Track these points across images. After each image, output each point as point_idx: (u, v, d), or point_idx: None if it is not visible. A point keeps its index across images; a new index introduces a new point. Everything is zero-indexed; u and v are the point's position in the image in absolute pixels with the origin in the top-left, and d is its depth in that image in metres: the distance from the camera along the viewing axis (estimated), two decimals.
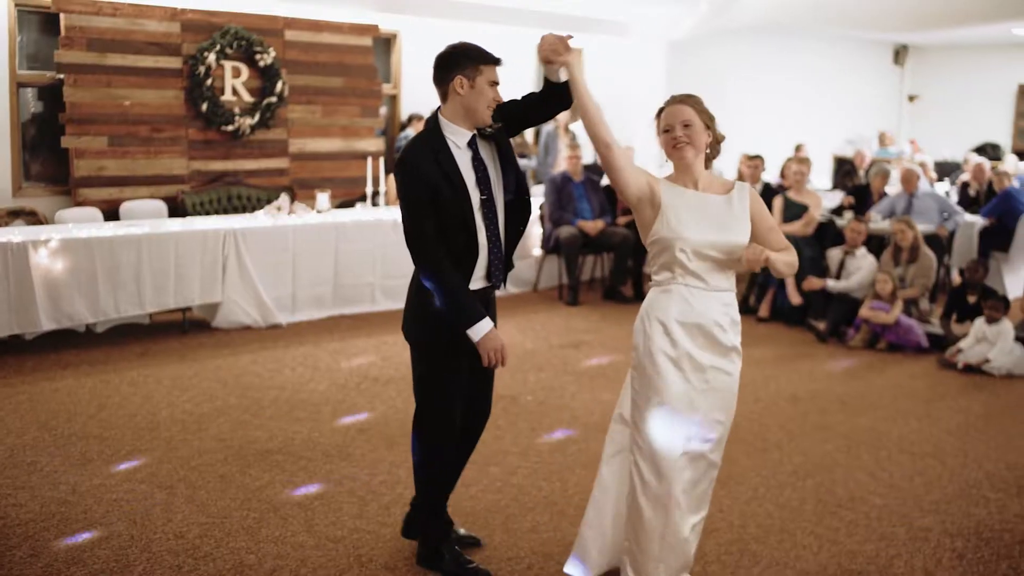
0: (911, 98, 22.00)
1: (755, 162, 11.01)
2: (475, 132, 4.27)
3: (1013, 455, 6.47)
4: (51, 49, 10.06)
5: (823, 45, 19.73)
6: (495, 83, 4.21)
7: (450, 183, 4.13)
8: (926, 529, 5.26)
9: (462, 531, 4.90)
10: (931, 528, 5.28)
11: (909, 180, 11.52)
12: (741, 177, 11.44)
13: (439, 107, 4.29)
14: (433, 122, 4.27)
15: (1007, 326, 8.63)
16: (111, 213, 9.95)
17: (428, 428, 4.46)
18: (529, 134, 14.90)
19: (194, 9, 10.63)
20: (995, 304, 8.71)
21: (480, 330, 4.17)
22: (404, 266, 9.91)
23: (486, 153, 4.32)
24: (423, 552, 4.62)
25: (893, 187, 13.10)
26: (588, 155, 14.34)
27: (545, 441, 6.37)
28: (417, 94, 13.52)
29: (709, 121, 4.11)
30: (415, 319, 4.37)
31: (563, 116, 14.30)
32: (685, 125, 4.09)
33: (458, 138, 4.23)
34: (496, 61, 4.22)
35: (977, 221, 11.72)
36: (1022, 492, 5.83)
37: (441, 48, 4.30)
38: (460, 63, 4.18)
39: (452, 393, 4.40)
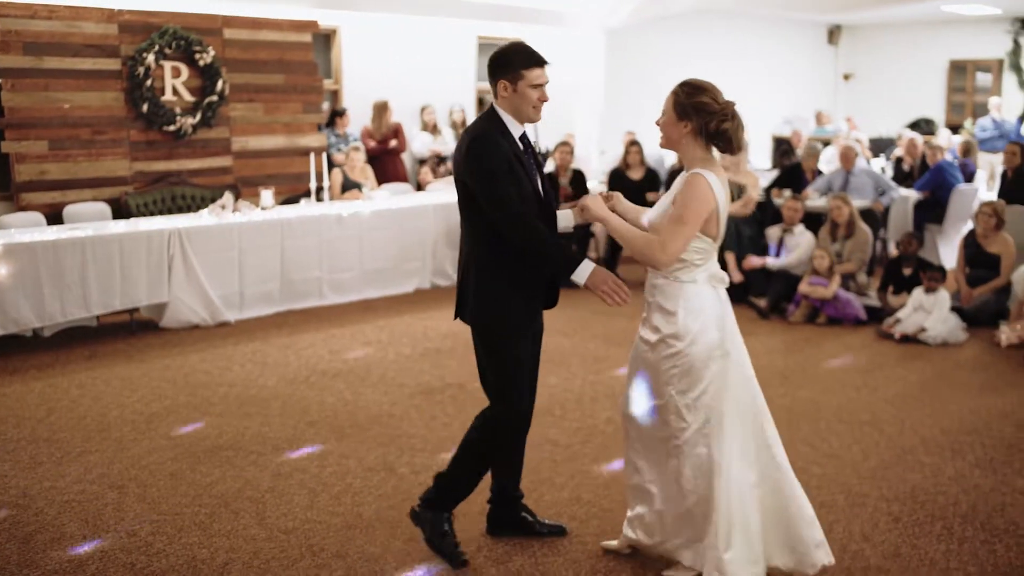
0: (846, 77, 22.33)
1: None
2: (524, 132, 4.44)
3: (947, 420, 6.67)
4: None
5: (759, 27, 19.99)
6: (539, 85, 4.32)
7: (519, 159, 4.32)
8: (864, 495, 5.43)
9: (547, 521, 4.97)
10: (868, 494, 5.45)
11: (847, 157, 11.73)
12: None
13: (493, 101, 4.44)
14: (492, 112, 4.40)
15: (944, 295, 8.86)
16: (54, 217, 9.92)
17: (503, 419, 4.49)
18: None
19: (131, 10, 10.59)
20: (934, 274, 8.94)
21: (586, 269, 4.21)
22: (350, 260, 10.07)
23: (531, 154, 4.47)
24: (415, 510, 4.70)
25: (825, 165, 13.34)
26: None
27: None
28: (358, 89, 13.56)
29: (684, 113, 4.13)
30: (486, 303, 4.41)
31: None
32: (663, 113, 4.23)
33: (513, 129, 4.38)
34: (540, 63, 4.32)
35: (912, 195, 11.95)
36: (956, 456, 6.03)
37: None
38: (503, 67, 4.32)
39: (526, 379, 4.51)
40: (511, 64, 4.30)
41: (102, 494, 5.40)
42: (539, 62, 4.32)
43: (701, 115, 4.11)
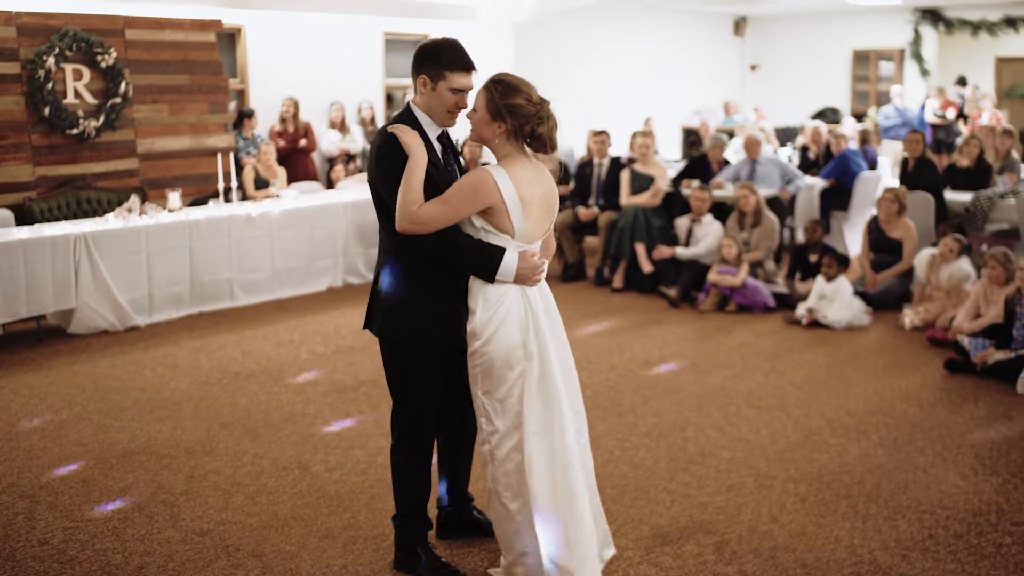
0: (753, 67, 22.67)
1: (601, 137, 11.28)
2: (444, 130, 4.27)
3: (852, 402, 6.85)
4: None
5: (665, 19, 20.23)
6: (459, 90, 4.13)
7: (433, 164, 4.11)
8: (771, 477, 5.56)
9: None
10: (776, 476, 5.58)
11: (751, 147, 11.92)
12: (590, 153, 11.68)
13: (413, 96, 4.27)
14: (407, 111, 4.24)
15: (844, 282, 9.06)
16: None
17: (407, 429, 4.38)
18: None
19: (29, 12, 10.39)
20: (830, 261, 9.13)
21: (512, 262, 4.04)
22: (261, 260, 10.01)
23: (451, 154, 4.31)
24: (399, 556, 4.55)
25: (733, 155, 13.54)
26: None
27: None
28: (265, 88, 13.46)
29: (498, 113, 4.02)
30: (397, 316, 4.24)
31: None
32: (475, 109, 4.13)
33: (429, 129, 4.21)
34: (466, 68, 4.14)
35: (817, 183, 12.18)
36: (861, 436, 6.19)
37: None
38: (427, 62, 4.13)
39: (431, 393, 4.34)
40: (436, 61, 4.11)
41: (12, 504, 5.33)
42: (465, 66, 4.13)
43: (516, 117, 4.01)
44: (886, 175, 13.53)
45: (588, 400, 6.78)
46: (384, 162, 4.09)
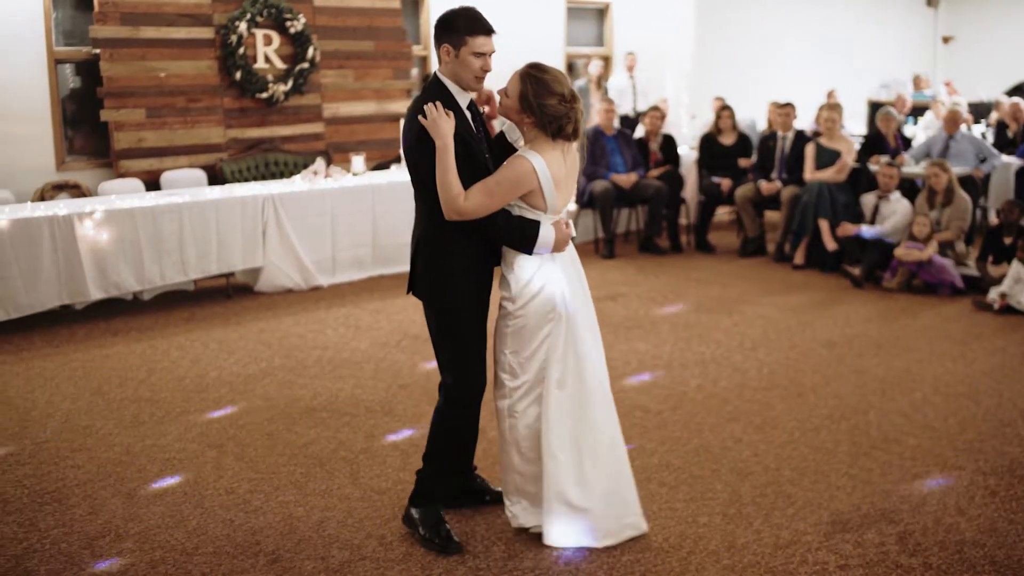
0: (945, 39, 21.80)
1: (785, 110, 11.01)
2: (472, 97, 4.34)
3: None
4: (86, 25, 10.21)
5: None
6: (482, 54, 4.19)
7: (470, 135, 4.21)
8: (959, 468, 5.34)
9: (497, 488, 4.90)
10: (964, 467, 5.35)
11: (954, 121, 11.47)
12: (772, 125, 11.42)
13: (437, 68, 4.33)
14: (436, 81, 4.29)
15: None
16: (152, 183, 10.13)
17: (454, 387, 4.44)
18: None
19: None
20: None
21: (548, 235, 4.24)
22: None
23: (479, 121, 4.39)
24: (410, 512, 4.57)
25: (923, 130, 13.05)
26: (621, 109, 14.34)
27: None
28: None
29: (527, 107, 4.15)
30: (436, 280, 4.36)
31: (595, 70, 14.33)
32: (508, 92, 4.24)
33: (460, 98, 4.26)
34: (486, 31, 4.20)
35: (1014, 162, 11.65)
36: None
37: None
38: (448, 31, 4.18)
39: (477, 350, 4.43)
40: (456, 28, 4.16)
41: (201, 452, 5.53)
42: (485, 30, 4.19)
43: (543, 115, 4.13)
44: None
45: (766, 378, 6.70)
46: (425, 143, 4.11)
